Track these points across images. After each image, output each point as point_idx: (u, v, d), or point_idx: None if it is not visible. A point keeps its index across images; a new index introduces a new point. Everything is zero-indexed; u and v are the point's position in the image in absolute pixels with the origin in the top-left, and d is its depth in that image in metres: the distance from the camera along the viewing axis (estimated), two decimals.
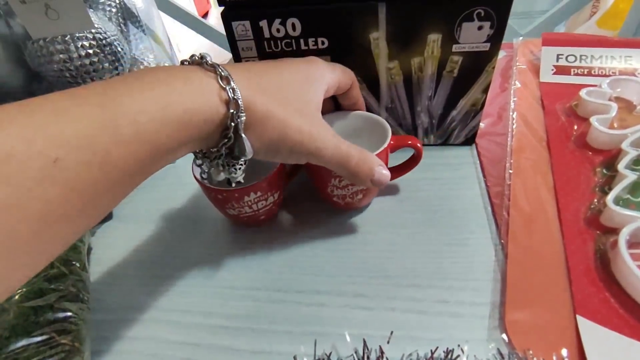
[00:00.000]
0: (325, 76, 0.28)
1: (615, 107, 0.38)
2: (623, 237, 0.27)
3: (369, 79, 0.35)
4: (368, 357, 0.24)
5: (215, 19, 2.71)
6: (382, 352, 0.24)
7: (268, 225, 0.35)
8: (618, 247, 0.27)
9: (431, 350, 0.24)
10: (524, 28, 0.75)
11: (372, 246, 0.32)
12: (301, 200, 0.37)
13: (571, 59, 0.46)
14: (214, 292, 0.31)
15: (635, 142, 0.34)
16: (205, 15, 2.70)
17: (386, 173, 0.28)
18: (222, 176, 0.25)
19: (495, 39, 0.31)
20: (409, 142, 0.32)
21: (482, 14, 0.29)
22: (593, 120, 0.36)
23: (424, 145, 0.40)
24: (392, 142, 0.31)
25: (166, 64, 0.47)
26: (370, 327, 0.27)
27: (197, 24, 0.81)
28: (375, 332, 0.26)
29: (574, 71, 0.45)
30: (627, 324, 0.25)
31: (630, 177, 0.31)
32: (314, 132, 0.25)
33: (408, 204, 0.35)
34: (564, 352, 0.24)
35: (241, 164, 0.25)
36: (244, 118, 0.22)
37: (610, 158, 0.35)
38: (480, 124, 0.41)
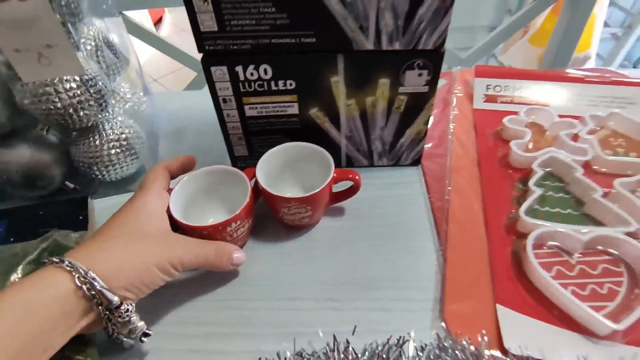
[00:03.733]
0: (151, 202, 0.33)
1: (529, 132, 0.46)
2: (530, 241, 0.35)
3: (331, 114, 0.41)
4: (337, 349, 0.29)
5: (169, 25, 2.68)
6: (348, 343, 0.30)
7: (244, 248, 0.39)
8: (526, 249, 0.35)
9: (387, 339, 0.30)
10: (467, 50, 0.85)
11: (339, 257, 0.38)
12: (269, 222, 0.41)
13: (498, 89, 0.55)
14: (204, 305, 0.35)
15: (542, 163, 0.43)
16: (159, 21, 2.66)
17: (241, 255, 0.35)
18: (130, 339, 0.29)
19: (432, 83, 0.38)
20: (350, 175, 0.39)
21: (421, 64, 0.36)
22: (512, 144, 0.45)
23: (379, 166, 0.46)
24: (335, 176, 0.37)
25: (140, 93, 0.50)
26: (339, 324, 0.32)
27: (155, 41, 0.83)
28: (344, 328, 0.32)
29: (500, 99, 0.54)
30: (534, 309, 0.33)
31: (538, 192, 0.40)
32: (164, 254, 0.30)
33: (369, 219, 0.41)
34: (484, 332, 0.31)
35: (124, 314, 0.28)
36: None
37: (525, 175, 0.43)
38: (425, 146, 0.48)
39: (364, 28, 0.34)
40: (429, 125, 0.50)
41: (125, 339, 0.29)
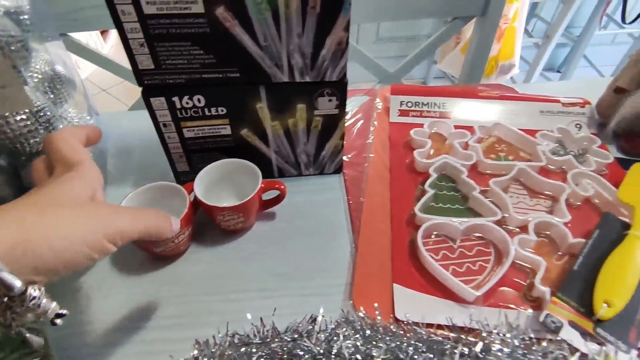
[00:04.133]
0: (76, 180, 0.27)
1: (430, 142, 0.56)
2: (420, 232, 0.44)
3: (260, 133, 0.47)
4: (264, 329, 0.36)
5: (116, 37, 2.62)
6: (273, 324, 0.37)
7: (188, 252, 0.45)
8: (417, 238, 0.43)
9: (304, 317, 0.38)
10: (398, 62, 0.94)
11: (271, 255, 0.45)
12: (209, 229, 0.48)
13: (409, 104, 0.64)
14: (152, 302, 0.41)
15: (437, 168, 0.52)
16: (106, 31, 2.60)
17: (178, 220, 0.35)
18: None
19: (341, 107, 0.46)
20: (276, 185, 0.46)
21: (330, 92, 0.44)
22: (415, 152, 0.54)
23: (306, 175, 0.54)
24: (262, 186, 0.44)
25: (87, 117, 0.54)
26: (268, 310, 0.39)
27: (99, 59, 0.86)
28: (270, 313, 0.39)
29: (411, 114, 0.63)
30: (423, 285, 0.41)
31: (431, 192, 0.49)
32: (98, 227, 0.25)
33: (297, 221, 0.49)
34: (376, 305, 0.39)
35: (30, 302, 0.22)
36: None
37: (425, 179, 0.52)
38: (345, 157, 0.57)
39: (279, 65, 0.41)
40: (350, 139, 0.58)
41: (29, 335, 0.24)
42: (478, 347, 0.31)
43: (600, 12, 1.77)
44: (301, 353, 0.32)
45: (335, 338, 0.33)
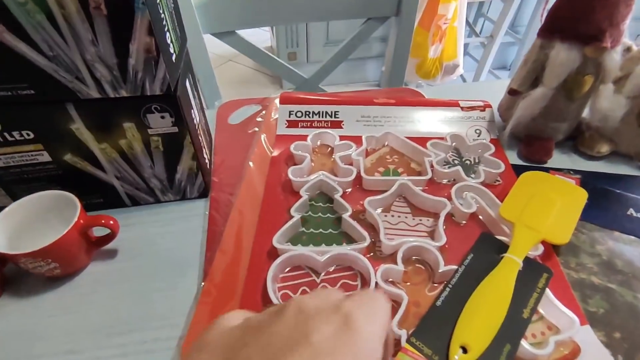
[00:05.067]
0: None
1: (308, 157, 0.50)
2: (272, 267, 0.37)
3: (89, 158, 0.40)
4: None
5: None
6: None
7: None
8: (268, 274, 0.37)
9: None
10: (349, 65, 0.89)
11: (97, 304, 0.38)
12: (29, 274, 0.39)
13: (299, 114, 0.58)
14: None
15: (310, 187, 0.46)
16: None
17: None
18: None
19: (180, 124, 0.39)
20: (102, 221, 0.38)
21: (159, 108, 0.37)
22: (290, 170, 0.48)
23: (166, 201, 0.47)
24: (81, 222, 0.37)
25: None
26: None
27: None
28: None
29: (301, 124, 0.57)
30: None
31: (297, 216, 0.43)
32: None
33: (141, 258, 0.41)
34: None
35: None
36: None
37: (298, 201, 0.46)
38: (220, 176, 0.50)
39: (81, 79, 0.34)
40: (229, 157, 0.51)
41: None
42: None
43: (540, 10, 1.79)
44: None
45: None
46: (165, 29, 0.36)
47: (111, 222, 0.39)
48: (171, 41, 0.37)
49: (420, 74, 1.72)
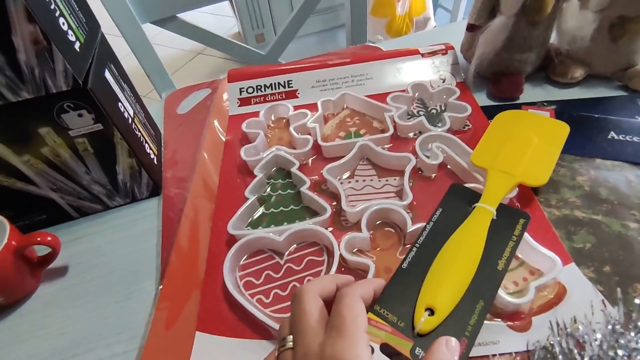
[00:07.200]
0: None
1: (261, 134, 0.46)
2: (228, 256, 0.34)
3: (14, 173, 0.37)
4: None
5: None
6: None
7: None
8: (225, 263, 0.34)
9: None
10: (320, 37, 0.84)
11: (48, 328, 0.35)
12: None
13: (250, 90, 0.54)
14: None
15: (264, 165, 0.43)
16: None
17: None
18: None
19: (103, 120, 0.36)
20: (38, 239, 0.35)
21: (72, 106, 0.34)
22: (242, 150, 0.44)
23: (116, 207, 0.43)
24: (13, 243, 0.33)
25: None
26: None
27: None
28: None
29: (254, 101, 0.53)
30: (235, 328, 0.32)
31: (251, 198, 0.39)
32: None
33: (91, 272, 0.38)
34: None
35: None
36: None
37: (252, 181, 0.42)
38: (174, 171, 0.47)
39: None
40: (180, 148, 0.48)
41: None
42: None
43: None
44: None
45: None
46: (57, 13, 0.32)
47: (48, 238, 0.35)
48: (69, 27, 0.33)
49: (392, 34, 1.65)
